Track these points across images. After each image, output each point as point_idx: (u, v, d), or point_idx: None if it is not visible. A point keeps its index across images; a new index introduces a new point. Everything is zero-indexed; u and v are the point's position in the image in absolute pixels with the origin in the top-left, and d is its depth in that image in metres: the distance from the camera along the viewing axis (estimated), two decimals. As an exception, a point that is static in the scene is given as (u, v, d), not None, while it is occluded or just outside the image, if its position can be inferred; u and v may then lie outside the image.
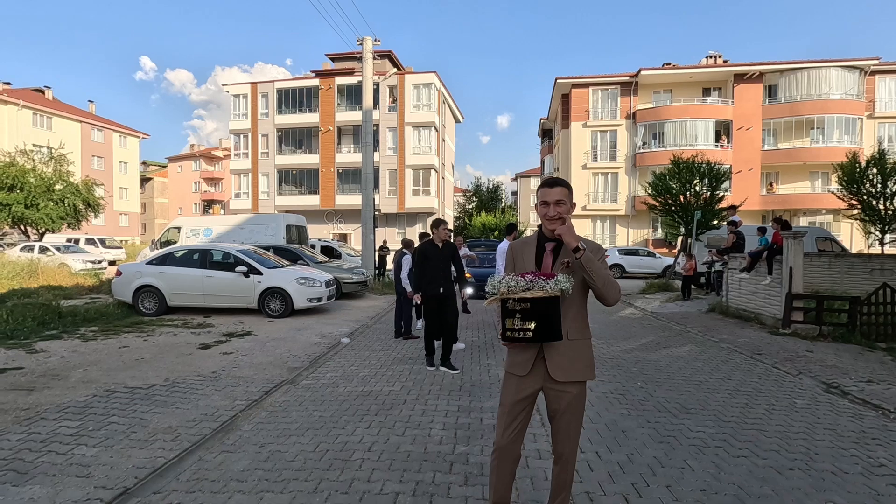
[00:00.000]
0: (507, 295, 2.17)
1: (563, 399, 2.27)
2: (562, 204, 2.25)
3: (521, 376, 2.29)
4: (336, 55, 38.05)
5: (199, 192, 63.70)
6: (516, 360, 2.32)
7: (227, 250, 10.39)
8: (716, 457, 3.51)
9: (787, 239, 8.73)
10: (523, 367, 2.28)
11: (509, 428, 2.31)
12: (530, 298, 2.12)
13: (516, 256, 2.38)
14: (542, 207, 2.29)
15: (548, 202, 2.26)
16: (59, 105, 43.74)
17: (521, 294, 2.13)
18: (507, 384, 2.36)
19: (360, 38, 15.65)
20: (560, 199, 2.25)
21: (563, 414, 2.29)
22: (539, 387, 2.30)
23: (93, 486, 3.00)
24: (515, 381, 2.31)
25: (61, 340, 7.20)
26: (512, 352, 2.35)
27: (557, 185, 2.28)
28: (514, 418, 2.31)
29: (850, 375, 5.77)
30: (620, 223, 32.92)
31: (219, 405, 4.51)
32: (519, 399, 2.30)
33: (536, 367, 2.27)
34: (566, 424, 2.30)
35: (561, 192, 2.26)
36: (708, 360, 6.56)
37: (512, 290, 2.15)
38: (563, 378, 2.24)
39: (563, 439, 2.31)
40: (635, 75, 31.60)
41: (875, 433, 4.02)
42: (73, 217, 23.28)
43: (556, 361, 2.24)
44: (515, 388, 2.31)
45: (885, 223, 16.16)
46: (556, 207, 2.25)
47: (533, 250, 2.35)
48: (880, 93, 30.06)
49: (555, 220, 2.24)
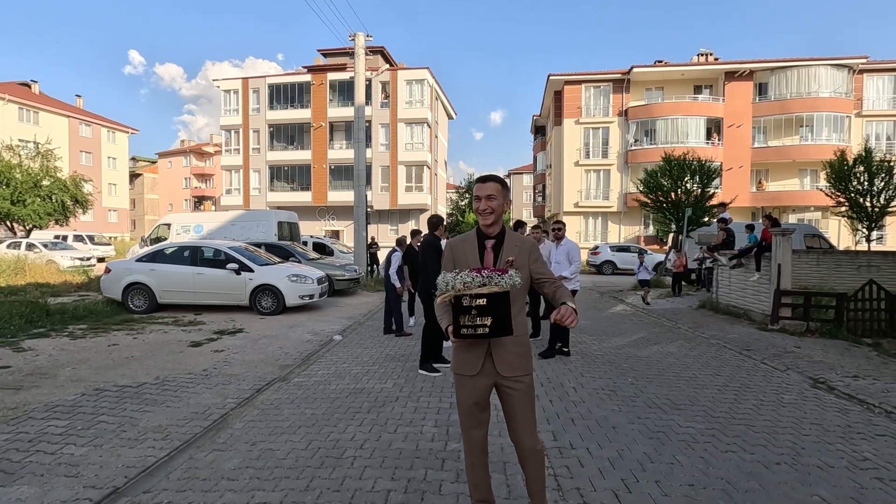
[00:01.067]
0: (463, 291, 2.14)
1: (516, 392, 2.31)
2: (493, 199, 2.34)
3: (471, 376, 2.32)
4: (328, 51, 37.77)
5: (190, 189, 63.14)
6: (465, 359, 2.34)
7: (218, 247, 10.31)
8: (705, 452, 3.55)
9: (776, 236, 8.83)
10: (473, 365, 2.31)
11: (471, 428, 2.37)
12: (486, 294, 2.12)
13: (456, 254, 2.39)
14: (475, 202, 2.39)
15: (479, 197, 2.37)
16: (45, 99, 43.09)
17: (477, 290, 2.12)
18: (460, 385, 2.37)
19: (353, 33, 15.55)
20: (491, 194, 2.34)
21: (520, 407, 2.32)
22: (492, 382, 2.33)
23: (82, 485, 2.98)
24: (468, 381, 2.33)
25: (49, 338, 7.12)
26: (459, 351, 2.36)
27: (490, 180, 2.38)
28: (474, 417, 2.36)
29: (836, 371, 5.85)
30: (612, 220, 33.07)
31: (210, 403, 4.49)
32: (475, 400, 2.33)
33: (486, 365, 2.30)
34: (524, 416, 2.33)
35: (493, 188, 2.35)
36: (698, 357, 6.63)
37: (468, 286, 2.14)
38: (511, 373, 2.29)
39: (524, 431, 2.34)
40: (627, 72, 31.70)
41: (860, 427, 4.09)
42: (61, 213, 22.97)
43: (504, 357, 2.29)
44: (469, 388, 2.33)
45: (871, 220, 16.38)
46: (488, 202, 2.34)
47: (475, 247, 2.38)
48: (868, 91, 30.41)
49: (487, 214, 2.34)
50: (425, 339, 5.83)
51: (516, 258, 2.31)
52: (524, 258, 2.35)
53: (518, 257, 2.32)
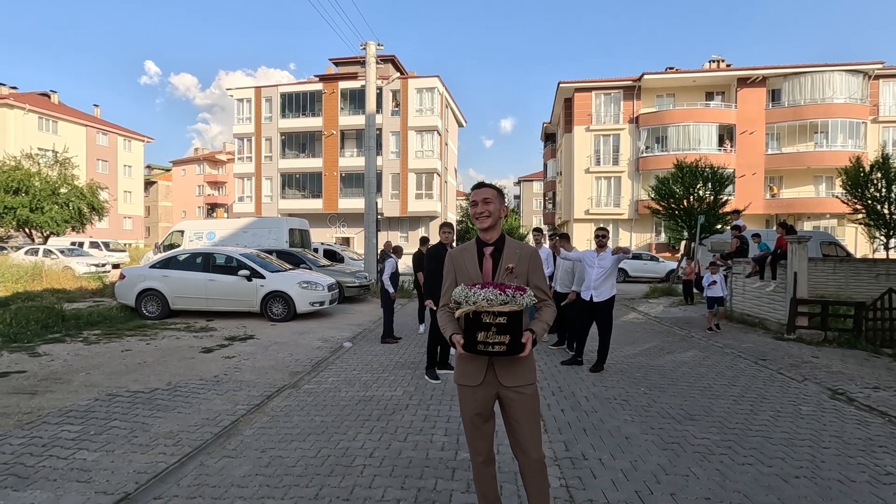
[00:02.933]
0: (485, 308, 2.10)
1: (519, 401, 2.26)
2: (489, 202, 2.33)
3: (474, 386, 2.28)
4: (339, 59, 38.17)
5: (203, 196, 63.95)
6: (467, 370, 2.30)
7: (230, 254, 10.40)
8: (721, 464, 3.48)
9: (792, 244, 8.68)
10: (475, 376, 2.27)
11: (476, 439, 2.33)
12: (507, 312, 2.09)
13: (456, 263, 2.38)
14: (472, 208, 2.39)
15: (476, 201, 2.37)
16: (64, 109, 44.04)
17: (499, 308, 2.09)
18: (463, 396, 2.34)
19: (364, 42, 15.71)
20: (487, 198, 2.35)
21: (523, 416, 2.27)
22: (495, 392, 2.29)
23: (93, 491, 2.99)
24: (470, 391, 2.30)
25: (64, 344, 7.21)
26: (461, 361, 2.33)
27: (485, 186, 2.39)
28: (478, 428, 2.32)
29: (855, 381, 5.71)
30: (623, 227, 32.82)
31: (220, 410, 4.50)
32: (477, 410, 2.30)
33: (488, 375, 2.27)
34: (528, 426, 2.28)
35: (489, 192, 2.36)
36: (712, 366, 6.51)
37: (491, 304, 2.09)
38: (514, 382, 2.25)
39: (528, 441, 2.28)
40: (638, 79, 31.59)
41: (882, 440, 3.97)
42: (78, 220, 23.41)
43: (507, 368, 2.25)
44: (471, 398, 2.30)
45: (889, 228, 16.04)
46: (485, 205, 2.33)
47: (474, 256, 2.36)
48: (884, 97, 29.94)
49: (484, 218, 2.33)
50: (431, 345, 5.84)
51: (516, 265, 2.27)
52: (524, 265, 2.31)
53: (518, 264, 2.28)
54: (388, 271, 8.04)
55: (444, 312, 2.38)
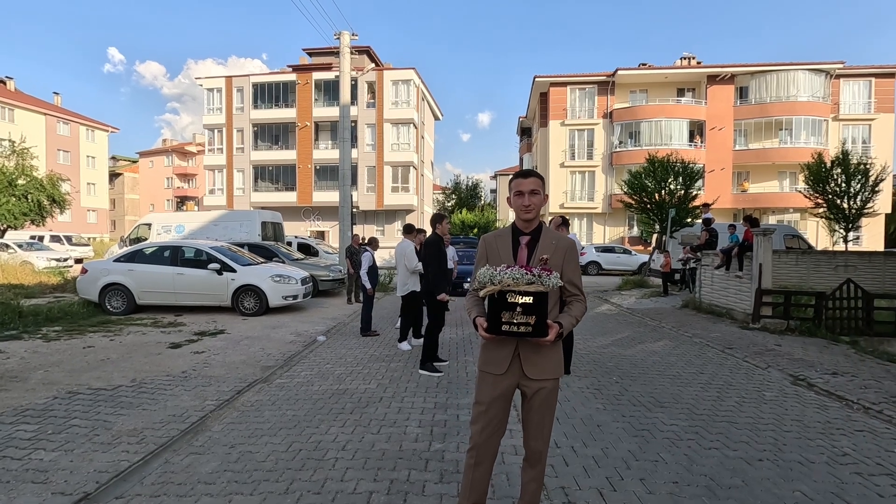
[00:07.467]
0: (511, 287, 2.06)
1: (538, 395, 2.24)
2: (536, 194, 2.24)
3: (497, 375, 2.25)
4: (313, 50, 37.43)
5: (172, 188, 62.01)
6: (492, 358, 2.26)
7: (200, 247, 10.11)
8: (688, 449, 3.56)
9: (758, 236, 8.96)
10: (500, 364, 2.24)
11: (488, 426, 2.28)
12: (533, 292, 2.06)
13: (489, 250, 2.32)
14: (516, 198, 2.27)
15: (522, 192, 2.25)
16: (21, 97, 41.96)
17: (525, 287, 2.05)
18: (483, 382, 2.31)
19: (338, 32, 15.40)
20: (535, 189, 2.25)
21: (538, 409, 2.26)
22: (515, 383, 2.26)
23: (50, 492, 2.86)
24: (492, 378, 2.27)
25: (21, 341, 6.90)
26: (487, 348, 2.29)
27: (531, 175, 2.27)
28: (493, 416, 2.28)
29: (815, 368, 5.94)
30: (597, 221, 33.34)
31: (188, 406, 4.37)
32: (496, 396, 2.26)
33: (513, 365, 2.23)
34: (540, 419, 2.28)
35: (535, 183, 2.25)
36: (681, 355, 6.68)
37: (517, 282, 2.06)
38: (539, 376, 2.21)
39: (537, 435, 2.29)
40: (612, 75, 32.00)
41: (839, 423, 4.14)
42: (37, 213, 22.33)
43: (533, 360, 2.21)
44: (492, 385, 2.26)
45: (848, 221, 16.76)
46: (532, 197, 2.23)
47: (508, 243, 2.30)
48: (844, 95, 31.11)
49: (529, 210, 2.23)
50: (427, 339, 5.77)
51: (551, 257, 2.21)
52: (559, 258, 2.24)
53: (553, 256, 2.22)
54: (364, 265, 7.92)
55: (472, 296, 2.33)
